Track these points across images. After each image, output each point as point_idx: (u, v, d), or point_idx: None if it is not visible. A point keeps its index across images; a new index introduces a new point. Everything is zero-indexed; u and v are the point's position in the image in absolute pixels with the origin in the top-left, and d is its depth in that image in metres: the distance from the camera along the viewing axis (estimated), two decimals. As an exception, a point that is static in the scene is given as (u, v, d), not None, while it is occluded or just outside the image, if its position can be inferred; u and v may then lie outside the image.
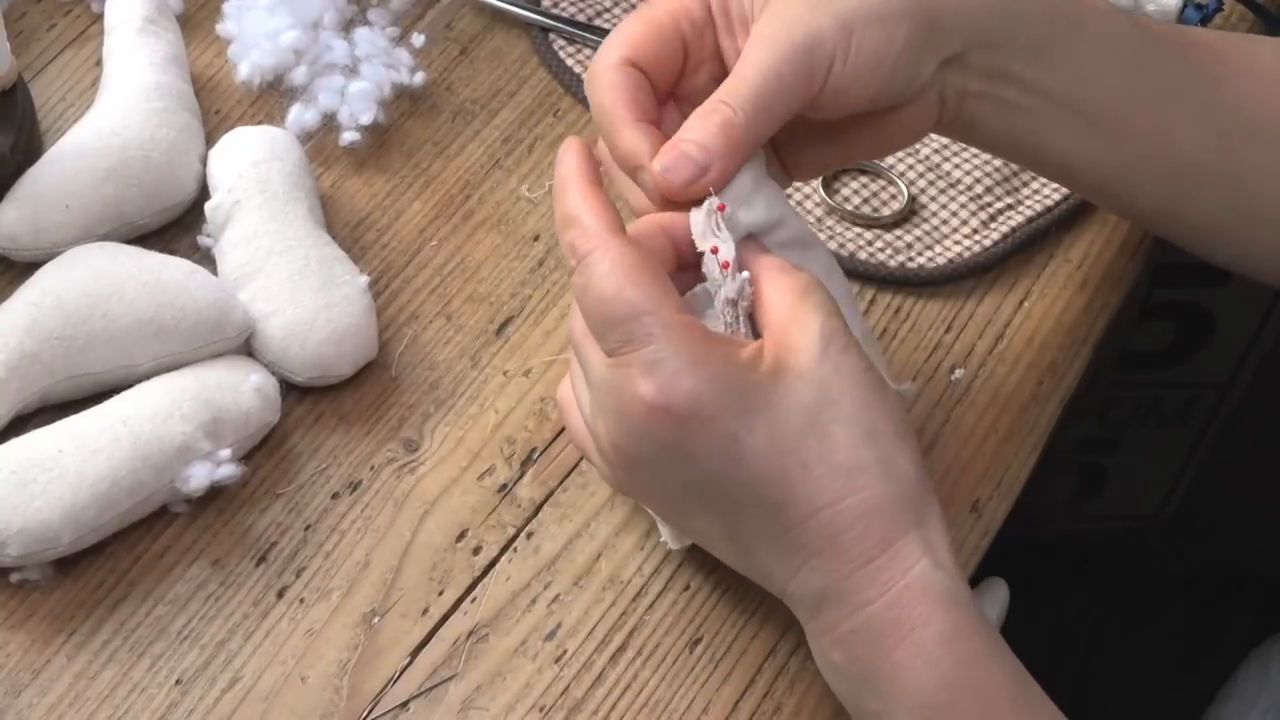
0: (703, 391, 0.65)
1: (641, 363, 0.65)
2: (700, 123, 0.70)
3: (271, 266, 0.83)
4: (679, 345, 0.65)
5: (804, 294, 0.68)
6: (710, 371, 0.65)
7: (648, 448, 0.67)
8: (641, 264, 0.67)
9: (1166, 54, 0.78)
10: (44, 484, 0.75)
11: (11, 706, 0.74)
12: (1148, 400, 1.45)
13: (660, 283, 0.67)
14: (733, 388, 0.65)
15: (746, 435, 0.65)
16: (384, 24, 0.95)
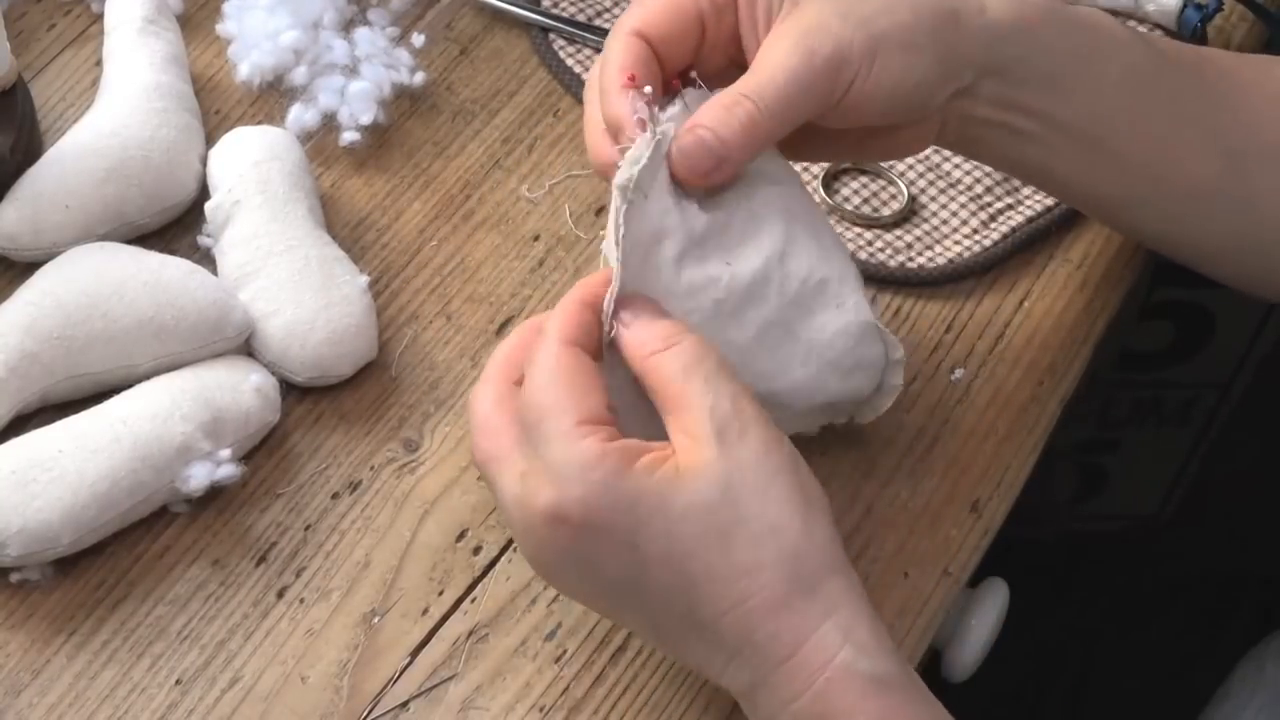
0: (593, 500, 0.64)
1: (541, 470, 0.65)
2: (722, 113, 0.70)
3: (271, 266, 0.83)
4: (572, 452, 0.64)
5: (685, 376, 0.66)
6: (601, 479, 0.64)
7: (552, 556, 0.67)
8: (565, 368, 0.66)
9: (1181, 79, 0.78)
10: (44, 484, 0.75)
11: (11, 706, 0.74)
12: (1148, 400, 1.45)
13: (575, 386, 0.66)
14: (624, 495, 0.64)
15: (644, 543, 0.64)
16: (384, 24, 0.95)
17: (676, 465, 0.65)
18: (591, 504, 0.64)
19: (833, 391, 0.75)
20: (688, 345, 0.67)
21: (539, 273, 0.88)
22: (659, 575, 0.65)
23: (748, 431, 0.65)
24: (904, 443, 0.82)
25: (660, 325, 0.68)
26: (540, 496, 0.65)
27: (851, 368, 0.75)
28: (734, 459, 0.64)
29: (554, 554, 0.67)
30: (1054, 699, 1.44)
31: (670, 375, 0.66)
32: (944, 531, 0.80)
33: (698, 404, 0.65)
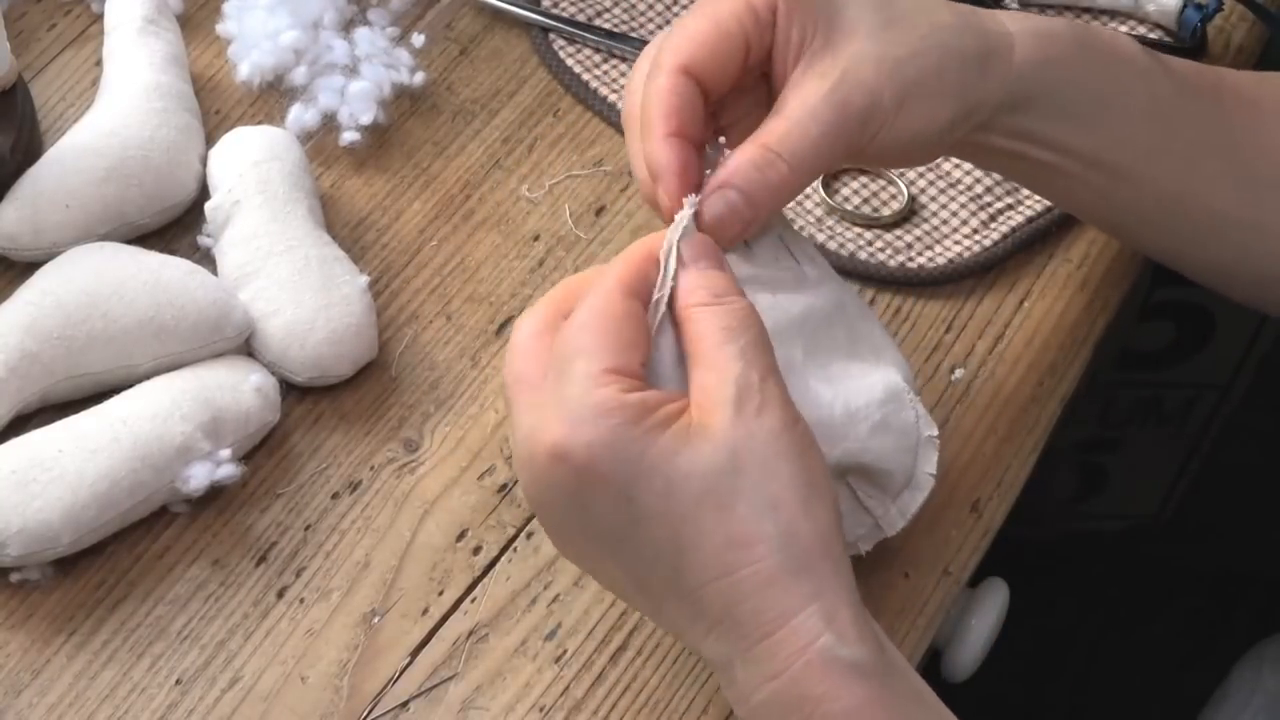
0: (601, 445, 0.64)
1: (556, 405, 0.65)
2: (755, 175, 0.69)
3: (271, 266, 0.83)
4: (590, 395, 0.64)
5: (724, 339, 0.66)
6: (610, 426, 0.63)
7: (551, 494, 0.66)
8: (614, 315, 0.66)
9: (1200, 107, 0.78)
10: (44, 484, 0.75)
11: (11, 706, 0.74)
12: (1148, 400, 1.45)
13: (618, 334, 0.65)
14: (631, 446, 0.64)
15: (641, 497, 0.64)
16: (384, 24, 0.95)
17: (689, 424, 0.64)
18: (597, 449, 0.64)
19: (860, 446, 0.72)
20: (735, 308, 0.67)
21: (539, 273, 0.88)
22: (651, 532, 0.64)
23: (767, 407, 0.65)
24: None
25: (716, 278, 0.68)
26: (549, 431, 0.65)
27: (879, 425, 0.72)
28: (747, 430, 0.64)
29: (550, 492, 0.66)
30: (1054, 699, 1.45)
31: (708, 332, 0.66)
32: (944, 531, 0.80)
33: (726, 368, 0.65)
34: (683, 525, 0.64)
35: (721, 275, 0.68)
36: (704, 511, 0.64)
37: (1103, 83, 0.76)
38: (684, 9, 0.97)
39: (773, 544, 0.63)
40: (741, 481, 0.64)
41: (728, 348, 0.65)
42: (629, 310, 0.66)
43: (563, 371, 0.65)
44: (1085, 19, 0.97)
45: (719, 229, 0.69)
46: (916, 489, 0.74)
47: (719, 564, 0.64)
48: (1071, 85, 0.75)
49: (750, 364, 0.65)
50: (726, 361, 0.65)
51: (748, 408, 0.64)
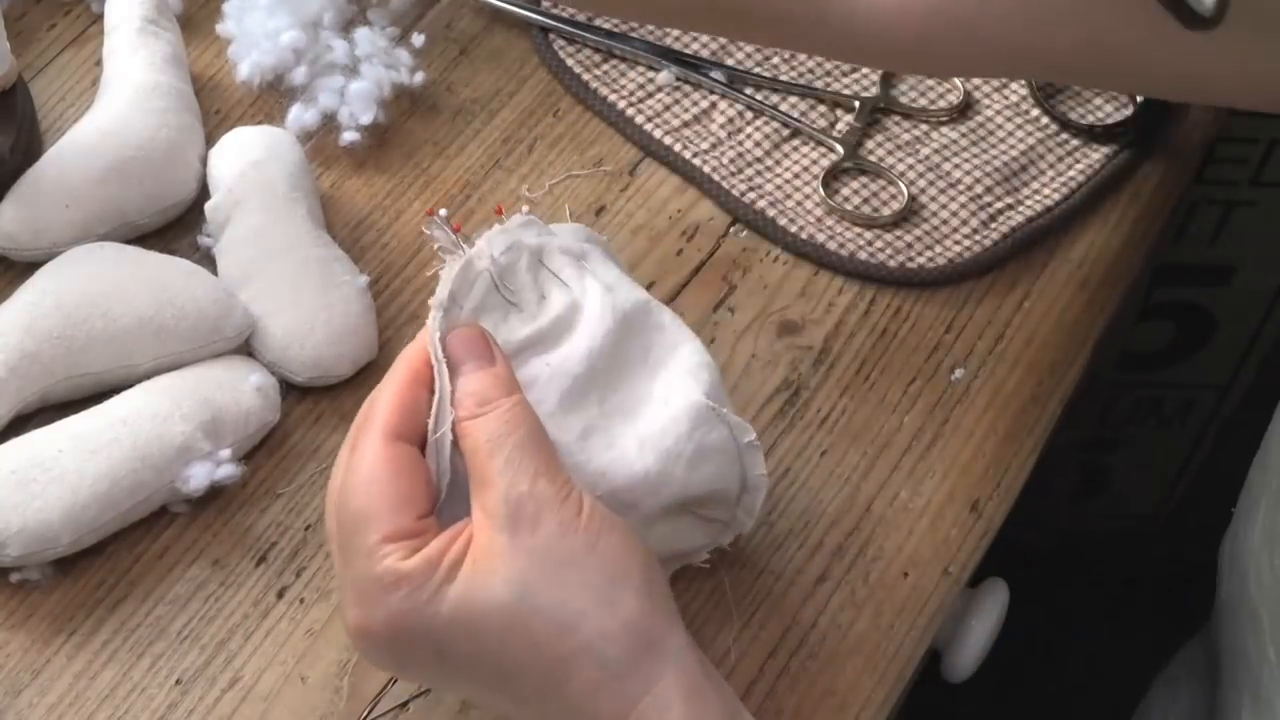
0: (394, 619, 0.64)
1: (350, 583, 0.65)
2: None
3: (271, 266, 0.83)
4: (372, 573, 0.64)
5: (490, 451, 0.65)
6: (400, 598, 0.63)
7: (376, 660, 0.67)
8: (384, 472, 0.65)
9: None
10: (44, 484, 0.75)
11: (11, 706, 0.74)
12: (1148, 400, 1.46)
13: (393, 494, 0.65)
14: (424, 611, 0.64)
15: (450, 650, 0.64)
16: (384, 24, 0.95)
17: (474, 563, 0.64)
18: (394, 625, 0.64)
19: (682, 485, 0.70)
20: (500, 413, 0.66)
21: (539, 273, 0.88)
22: (476, 673, 0.65)
23: (541, 516, 0.64)
24: (904, 443, 0.82)
25: (481, 381, 0.66)
26: (349, 612, 0.65)
27: (696, 454, 0.70)
28: (525, 549, 0.63)
29: (375, 657, 0.67)
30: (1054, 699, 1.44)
31: (477, 445, 0.65)
32: (944, 531, 0.80)
33: (496, 482, 0.64)
34: (501, 661, 0.64)
35: (487, 374, 0.67)
36: (514, 644, 0.63)
37: None
38: (684, 9, 0.97)
39: (587, 655, 0.63)
40: (536, 604, 0.63)
41: (495, 460, 0.65)
42: (398, 460, 0.66)
43: (348, 548, 0.65)
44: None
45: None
46: (755, 490, 0.73)
47: (546, 685, 0.64)
48: None
49: (518, 471, 0.64)
50: (495, 475, 0.64)
51: (521, 525, 0.64)
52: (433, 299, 0.69)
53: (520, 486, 0.64)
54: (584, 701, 0.64)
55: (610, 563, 0.64)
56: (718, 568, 0.78)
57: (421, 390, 0.67)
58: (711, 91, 0.94)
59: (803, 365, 0.85)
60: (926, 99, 0.94)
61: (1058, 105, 0.94)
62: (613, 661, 0.63)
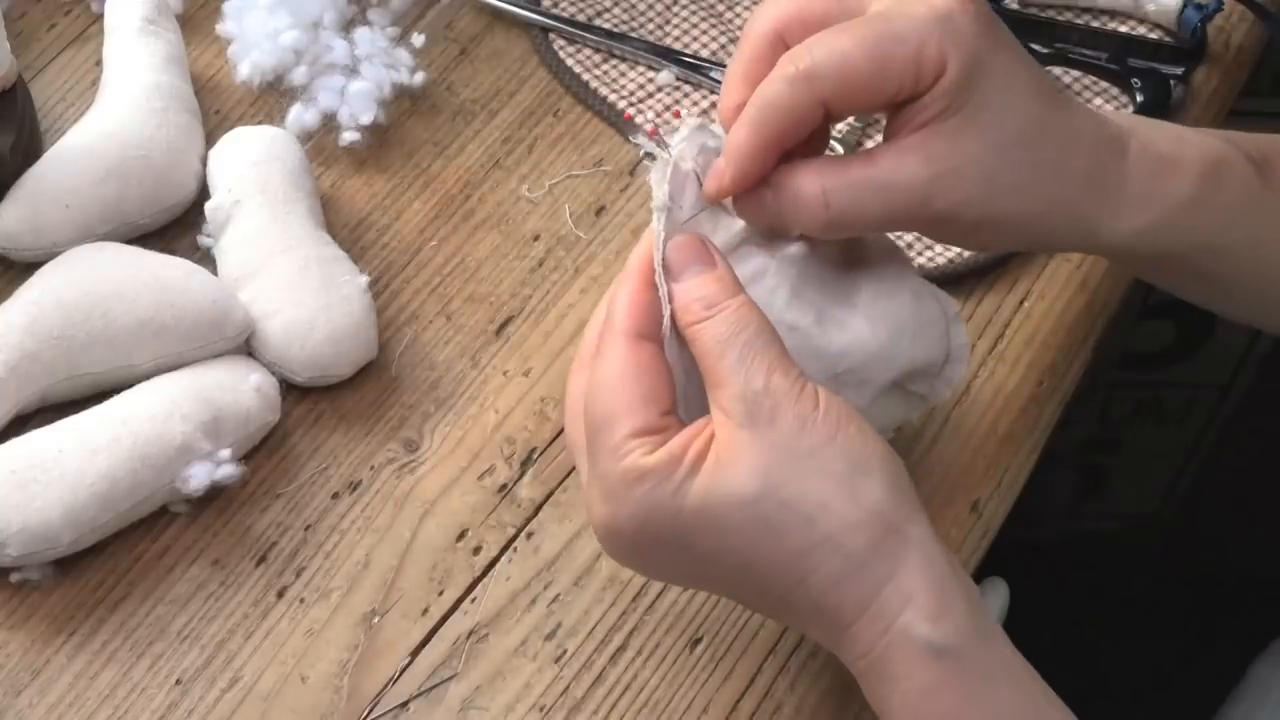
0: (641, 515, 0.65)
1: (597, 480, 0.66)
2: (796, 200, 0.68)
3: (271, 266, 0.83)
4: (617, 470, 0.65)
5: (722, 352, 0.66)
6: (644, 493, 0.65)
7: (621, 557, 0.69)
8: (628, 370, 0.66)
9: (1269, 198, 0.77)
10: (44, 484, 0.75)
11: (11, 706, 0.74)
12: (1148, 400, 1.46)
13: (636, 390, 0.66)
14: (667, 509, 0.65)
15: (697, 543, 0.65)
16: (384, 24, 0.95)
17: (716, 458, 0.65)
18: (639, 519, 0.65)
19: (909, 357, 0.72)
20: (727, 314, 0.66)
21: (539, 273, 0.88)
22: (720, 566, 0.66)
23: (778, 410, 0.65)
24: (904, 443, 0.82)
25: (705, 284, 0.67)
26: (596, 510, 0.67)
27: (918, 329, 0.72)
28: (767, 442, 0.64)
29: (620, 556, 0.69)
30: (1054, 699, 1.44)
31: (708, 348, 0.66)
32: (944, 531, 0.80)
33: (730, 382, 0.65)
34: (745, 554, 0.65)
35: (710, 278, 0.67)
36: (757, 537, 0.64)
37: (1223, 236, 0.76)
38: (683, 9, 0.97)
39: (828, 547, 0.64)
40: (780, 497, 0.64)
41: (726, 360, 0.65)
42: (640, 359, 0.67)
43: (594, 446, 0.66)
44: (1085, 19, 0.97)
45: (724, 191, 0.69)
46: (958, 362, 0.75)
47: (789, 576, 0.65)
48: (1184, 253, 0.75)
49: (751, 369, 0.65)
50: (728, 374, 0.65)
51: (760, 420, 0.64)
52: (653, 203, 0.69)
53: (755, 383, 0.65)
54: (826, 593, 0.65)
55: (850, 453, 0.65)
56: (718, 568, 0.78)
57: (654, 291, 0.68)
58: (712, 92, 0.94)
59: (803, 365, 0.85)
60: (926, 99, 0.94)
61: (1058, 105, 0.94)
62: (856, 551, 0.64)
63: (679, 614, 0.77)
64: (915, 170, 0.69)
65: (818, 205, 0.68)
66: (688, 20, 0.97)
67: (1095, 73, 0.95)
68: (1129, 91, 0.94)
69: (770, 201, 0.69)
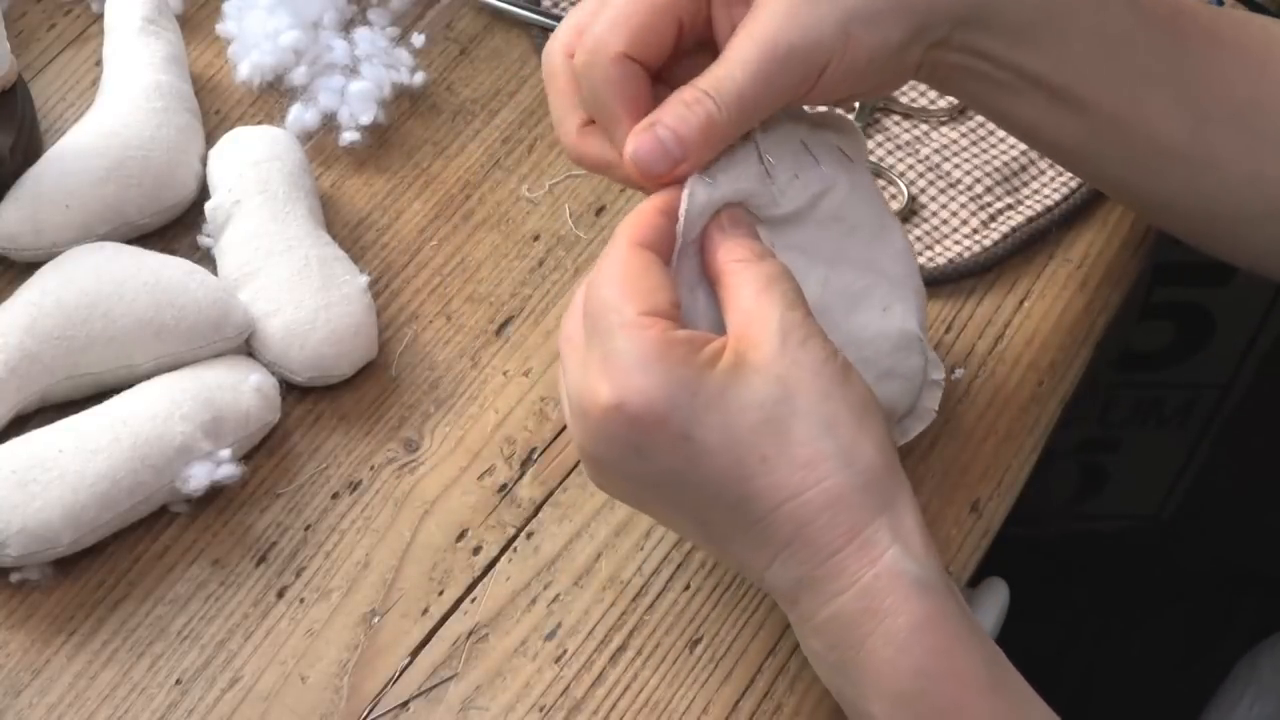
0: (653, 389, 0.64)
1: (600, 360, 0.66)
2: (681, 111, 0.69)
3: (271, 266, 0.83)
4: (633, 343, 0.65)
5: (765, 286, 0.67)
6: (661, 369, 0.64)
7: (606, 447, 0.67)
8: (633, 267, 0.67)
9: (1157, 36, 0.76)
10: (44, 484, 0.75)
11: (11, 706, 0.74)
12: (1148, 400, 1.45)
13: (642, 283, 0.66)
14: (684, 386, 0.65)
15: (700, 433, 0.65)
16: (384, 24, 0.95)
17: (738, 358, 0.65)
18: (652, 393, 0.65)
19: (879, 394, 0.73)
20: (777, 264, 0.69)
21: (539, 273, 0.88)
22: (712, 467, 0.65)
23: (811, 339, 0.66)
24: (904, 443, 0.82)
25: (756, 246, 0.69)
26: (600, 390, 0.66)
27: (885, 372, 0.73)
28: (793, 359, 0.65)
29: (607, 445, 0.67)
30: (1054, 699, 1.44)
31: (749, 281, 0.67)
32: (944, 531, 0.80)
33: (769, 310, 0.66)
34: (746, 456, 0.65)
35: (759, 244, 0.70)
36: (765, 439, 0.65)
37: (1056, 3, 0.74)
38: (684, 9, 0.97)
39: (836, 462, 0.65)
40: (797, 406, 0.65)
41: (770, 293, 0.67)
42: (645, 261, 0.67)
43: (601, 327, 0.66)
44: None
45: (646, 165, 0.69)
46: (917, 419, 0.76)
47: (787, 487, 0.65)
48: (1019, 4, 0.73)
49: (791, 305, 0.67)
50: (769, 305, 0.67)
51: (792, 340, 0.66)
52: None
53: (794, 315, 0.67)
54: (819, 513, 0.65)
55: (863, 395, 0.67)
56: (719, 565, 0.78)
57: (667, 220, 0.69)
58: (711, 91, 0.93)
59: (803, 365, 0.85)
60: (926, 99, 0.94)
61: (1058, 105, 0.94)
62: (857, 475, 0.65)
63: (679, 614, 0.78)
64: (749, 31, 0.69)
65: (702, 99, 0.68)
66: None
67: (1095, 73, 0.95)
68: (1129, 91, 0.94)
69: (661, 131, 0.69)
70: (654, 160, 0.69)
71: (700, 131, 0.68)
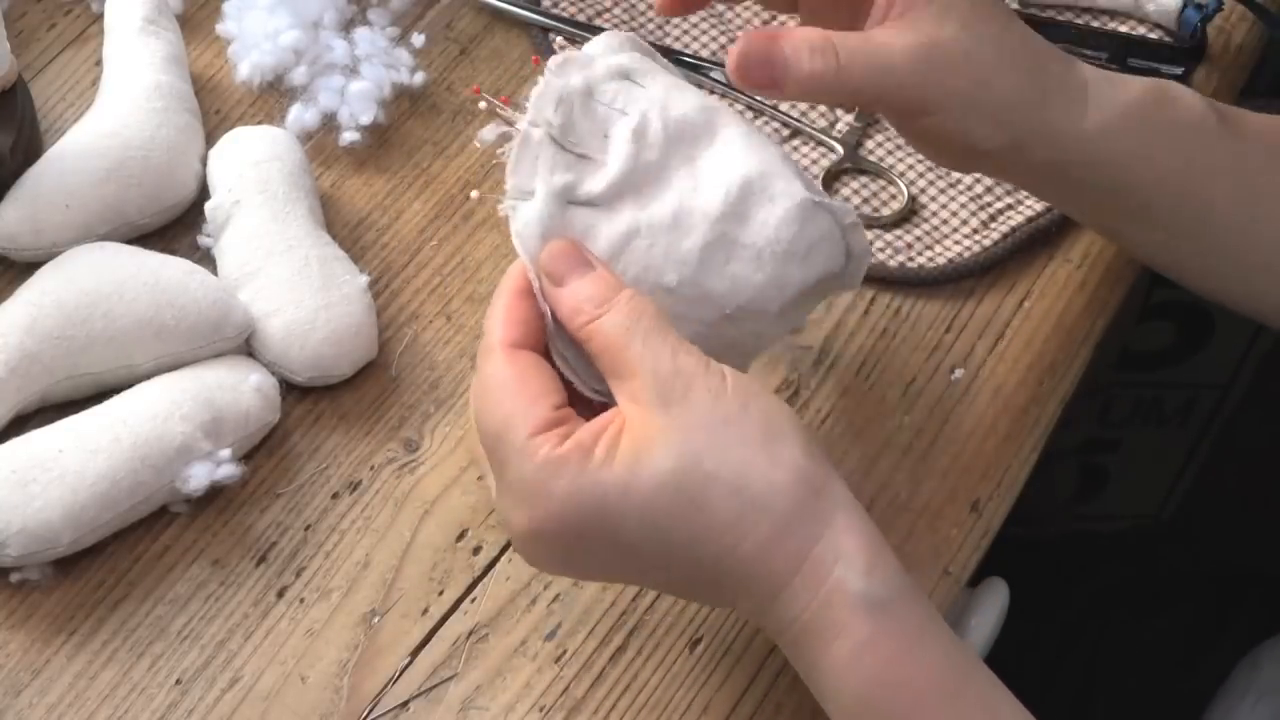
0: (563, 511, 0.65)
1: (507, 488, 0.67)
2: (805, 50, 0.71)
3: (271, 266, 0.83)
4: (531, 468, 0.65)
5: (624, 343, 0.66)
6: (564, 489, 0.65)
7: (541, 559, 0.69)
8: (511, 379, 0.67)
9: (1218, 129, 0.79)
10: (44, 484, 0.75)
11: (11, 706, 0.74)
12: (1148, 400, 1.45)
13: (522, 396, 0.66)
14: (590, 493, 0.65)
15: (624, 533, 0.65)
16: (384, 24, 0.95)
17: (633, 443, 0.65)
18: (564, 515, 0.65)
19: (800, 280, 0.72)
20: (621, 306, 0.67)
21: (539, 273, 0.88)
22: (648, 551, 0.66)
23: (691, 387, 0.66)
24: (904, 443, 0.82)
25: (591, 285, 0.68)
26: (514, 518, 0.67)
27: (808, 251, 0.71)
28: (682, 421, 0.65)
29: (546, 560, 0.69)
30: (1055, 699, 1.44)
31: (608, 342, 0.67)
32: (944, 531, 0.80)
33: (639, 368, 0.66)
34: (671, 535, 0.65)
35: (594, 278, 0.68)
36: (686, 514, 0.65)
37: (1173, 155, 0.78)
38: (684, 9, 0.97)
39: (758, 510, 0.65)
40: (702, 472, 0.65)
41: (631, 348, 0.66)
42: (522, 364, 0.67)
43: (498, 455, 0.67)
44: (1085, 19, 0.97)
45: (748, 63, 0.71)
46: (857, 264, 0.74)
47: (719, 548, 0.65)
48: (1141, 159, 0.77)
49: (657, 353, 0.66)
50: (635, 363, 0.66)
51: (673, 397, 0.65)
52: (504, 201, 0.70)
53: (664, 365, 0.66)
54: (757, 561, 0.65)
55: (764, 420, 0.66)
56: (718, 568, 0.79)
57: (529, 301, 0.69)
58: (712, 92, 0.94)
59: (803, 365, 0.85)
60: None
61: (1058, 105, 0.94)
62: (783, 513, 0.65)
63: (679, 614, 0.78)
64: (908, 39, 0.72)
65: (829, 52, 0.70)
66: (688, 20, 0.97)
67: (1095, 73, 0.95)
68: (1129, 91, 0.94)
69: (779, 50, 0.71)
70: (761, 67, 0.71)
71: (806, 79, 0.71)
